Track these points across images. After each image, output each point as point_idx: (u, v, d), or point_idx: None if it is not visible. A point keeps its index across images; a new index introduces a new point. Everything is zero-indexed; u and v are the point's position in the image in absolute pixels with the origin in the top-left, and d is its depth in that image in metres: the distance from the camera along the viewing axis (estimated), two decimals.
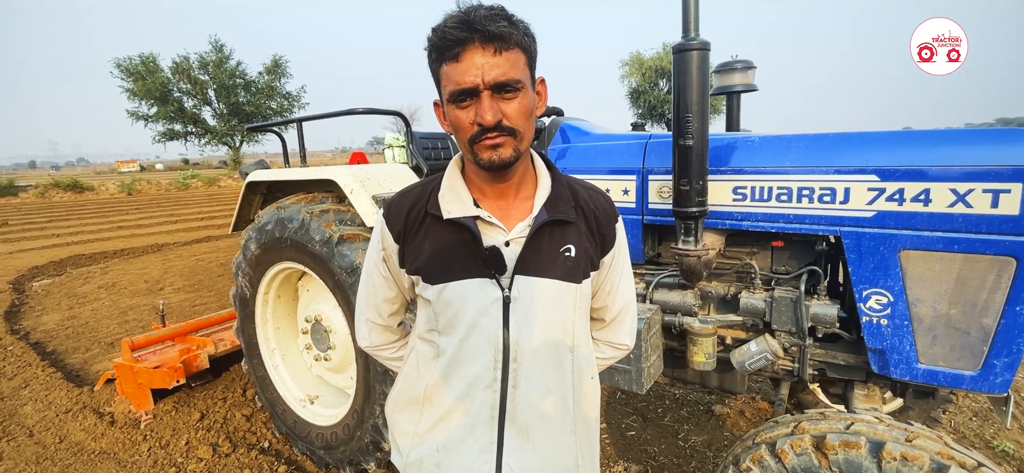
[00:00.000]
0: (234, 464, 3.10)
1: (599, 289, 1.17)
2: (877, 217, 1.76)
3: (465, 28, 0.90)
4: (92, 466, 3.16)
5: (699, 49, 1.74)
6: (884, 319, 1.81)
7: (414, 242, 1.08)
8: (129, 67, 33.85)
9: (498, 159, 0.96)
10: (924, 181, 1.67)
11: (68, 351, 5.15)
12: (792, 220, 1.93)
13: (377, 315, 1.22)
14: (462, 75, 0.91)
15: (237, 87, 37.00)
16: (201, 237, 12.30)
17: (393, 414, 1.20)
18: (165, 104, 34.76)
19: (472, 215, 1.03)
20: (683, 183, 1.86)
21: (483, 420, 1.07)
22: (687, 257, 1.98)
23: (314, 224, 2.50)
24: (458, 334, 1.05)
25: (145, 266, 9.11)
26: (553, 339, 1.07)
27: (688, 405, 3.60)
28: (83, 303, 6.84)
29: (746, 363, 2.12)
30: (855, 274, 1.83)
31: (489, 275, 1.03)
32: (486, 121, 0.92)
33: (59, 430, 3.55)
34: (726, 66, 2.63)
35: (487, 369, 1.05)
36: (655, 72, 39.26)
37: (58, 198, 26.47)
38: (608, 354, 1.27)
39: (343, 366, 2.97)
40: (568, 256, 1.06)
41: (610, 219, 1.14)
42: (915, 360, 1.80)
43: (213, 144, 37.92)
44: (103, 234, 13.42)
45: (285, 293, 3.15)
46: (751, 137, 2.06)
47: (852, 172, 1.79)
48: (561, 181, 1.11)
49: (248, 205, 3.22)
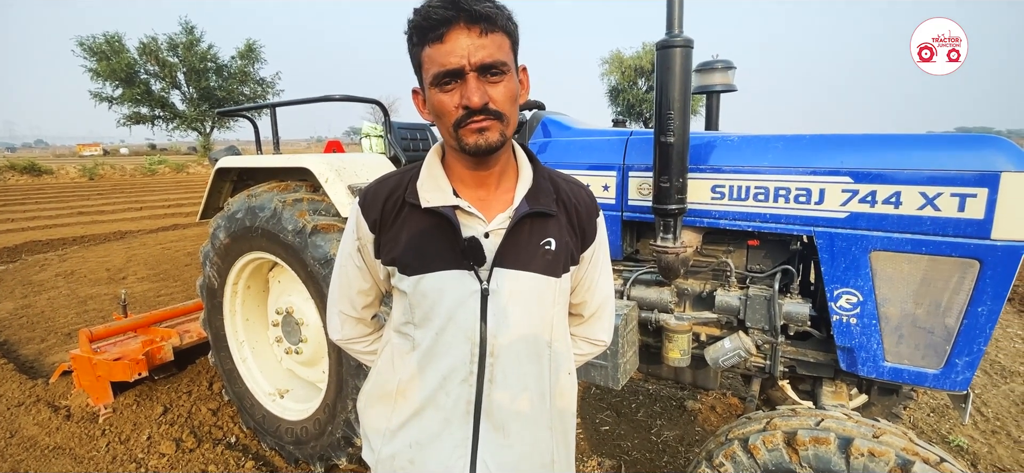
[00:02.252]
0: (199, 460, 3.01)
1: (578, 284, 1.16)
2: (850, 218, 1.80)
3: (451, 7, 0.87)
4: (46, 462, 3.03)
5: (682, 46, 1.74)
6: (854, 318, 1.86)
7: (391, 232, 1.05)
8: (93, 46, 32.30)
9: (485, 143, 0.93)
10: (896, 184, 1.71)
11: (21, 341, 4.91)
12: (768, 219, 1.96)
13: (350, 307, 1.18)
14: (447, 56, 0.88)
15: (208, 71, 35.80)
16: (168, 225, 11.90)
17: (365, 409, 1.17)
18: (131, 86, 33.35)
19: (451, 205, 1.00)
20: (663, 180, 1.87)
21: (458, 415, 1.04)
22: (665, 254, 1.99)
23: (287, 213, 2.43)
24: (434, 327, 1.02)
25: (107, 254, 8.76)
26: (531, 333, 1.05)
27: (661, 401, 3.65)
28: (39, 291, 6.54)
29: (720, 360, 2.14)
30: (827, 274, 1.87)
31: (467, 267, 1.00)
32: (473, 103, 0.89)
33: (10, 424, 3.39)
34: (706, 65, 2.65)
35: (463, 362, 1.03)
36: (634, 71, 39.62)
37: (13, 181, 25.15)
38: (585, 350, 1.26)
39: (315, 360, 2.90)
40: (548, 250, 1.04)
41: (591, 214, 1.13)
42: (882, 358, 1.85)
43: (182, 129, 36.61)
44: (62, 220, 12.84)
45: (255, 284, 3.06)
46: (730, 137, 2.08)
47: (827, 173, 1.82)
48: (543, 173, 1.09)
49: (217, 192, 3.10)
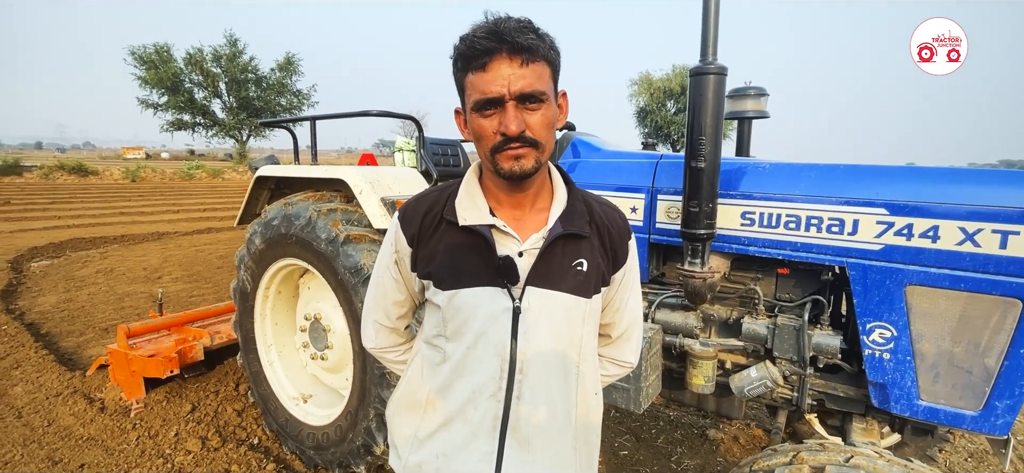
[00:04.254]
0: (222, 459, 3.07)
1: (607, 305, 1.17)
2: (884, 251, 1.77)
3: (494, 38, 0.90)
4: (79, 452, 3.13)
5: (716, 73, 1.75)
6: (887, 353, 1.81)
7: (428, 246, 1.08)
8: (143, 55, 34.20)
9: (519, 169, 0.96)
10: (933, 218, 1.68)
11: (62, 334, 5.11)
12: (799, 248, 1.93)
13: (385, 317, 1.21)
14: (488, 85, 0.92)
15: (248, 82, 37.30)
16: (202, 228, 12.30)
17: (394, 418, 1.19)
18: (176, 94, 35.08)
19: (487, 223, 1.03)
20: (693, 205, 1.87)
21: (485, 429, 1.06)
22: (692, 278, 1.98)
23: (321, 222, 2.50)
24: (466, 341, 1.05)
25: (144, 253, 9.10)
26: (560, 352, 1.06)
27: (682, 427, 3.58)
28: (80, 287, 6.82)
29: (745, 389, 2.11)
30: (860, 306, 1.83)
31: (500, 284, 1.02)
32: (510, 131, 0.92)
33: (48, 413, 3.52)
34: (739, 92, 2.64)
35: (492, 378, 1.04)
36: (663, 93, 39.48)
37: (62, 180, 26.50)
38: (611, 371, 1.26)
39: (339, 367, 2.95)
40: (580, 270, 1.05)
41: (623, 236, 1.14)
42: (916, 396, 1.80)
43: (220, 136, 38.12)
44: (105, 219, 13.42)
45: (285, 289, 3.14)
46: (762, 163, 2.07)
47: (862, 204, 1.79)
48: (577, 195, 1.11)
49: (255, 199, 3.22)
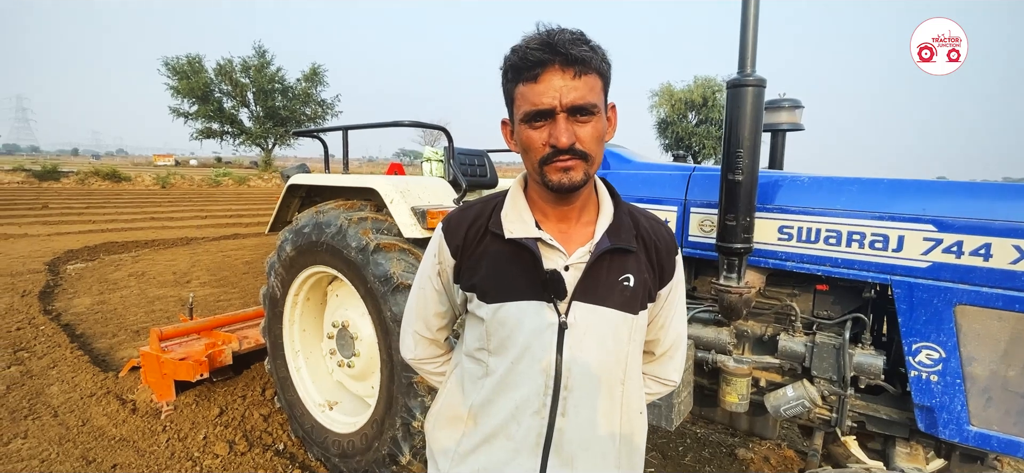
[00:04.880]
0: (249, 463, 3.10)
1: (652, 321, 1.15)
2: (932, 268, 1.70)
3: (547, 50, 0.90)
4: (112, 452, 3.20)
5: (755, 86, 1.72)
6: (934, 375, 1.74)
7: (472, 259, 1.07)
8: (176, 66, 35.41)
9: (568, 182, 0.95)
10: (985, 235, 1.61)
11: (96, 335, 5.26)
12: (840, 264, 1.87)
13: (425, 328, 1.21)
14: (540, 96, 0.91)
15: (275, 92, 38.23)
16: (229, 234, 12.57)
17: (434, 431, 1.18)
18: (206, 103, 36.17)
19: (534, 237, 1.02)
20: (729, 218, 1.83)
21: (528, 446, 1.04)
22: (728, 293, 1.94)
23: (352, 231, 2.53)
24: (510, 355, 1.03)
25: (174, 258, 9.34)
26: (606, 369, 1.04)
27: (710, 446, 3.49)
28: (113, 289, 7.01)
29: (781, 408, 2.04)
30: (905, 326, 1.76)
31: (547, 299, 1.01)
32: (561, 143, 0.91)
33: (83, 413, 3.61)
34: (773, 104, 2.60)
35: (537, 394, 1.02)
36: (685, 104, 39.15)
37: (97, 186, 27.46)
38: (654, 389, 1.24)
39: (365, 374, 2.96)
40: (626, 285, 1.03)
41: (670, 251, 1.12)
42: (966, 421, 1.72)
43: (247, 145, 39.09)
44: (136, 224, 13.84)
45: (314, 296, 3.18)
46: (799, 177, 2.02)
47: (907, 220, 1.73)
48: (623, 209, 1.09)
49: (286, 207, 3.27)
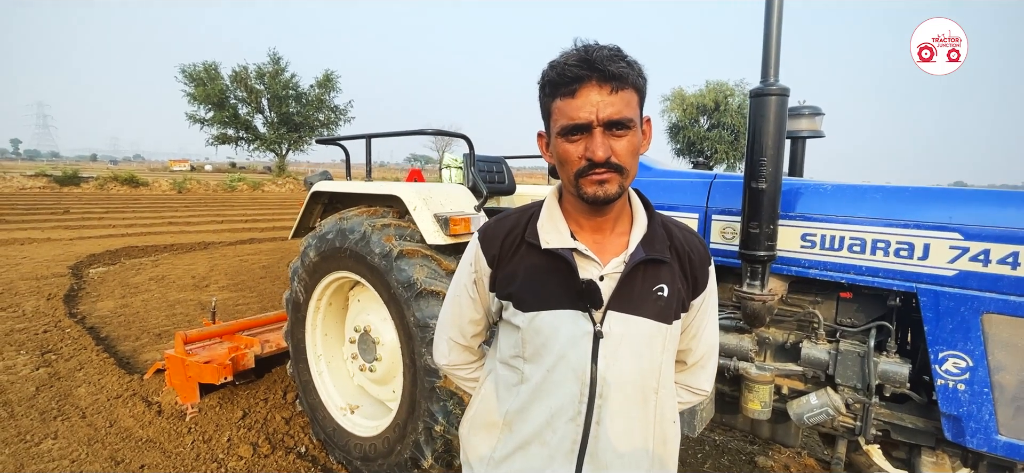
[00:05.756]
0: (272, 465, 3.16)
1: (685, 331, 1.16)
2: (959, 277, 1.70)
3: (585, 67, 0.93)
4: (139, 453, 3.27)
5: (778, 95, 1.74)
6: (962, 384, 1.73)
7: (508, 268, 1.10)
8: (192, 73, 36.05)
9: (603, 194, 0.97)
10: (1013, 243, 1.60)
11: (120, 338, 5.37)
12: (864, 272, 1.87)
13: (460, 335, 1.24)
14: (577, 111, 0.94)
15: (289, 98, 38.71)
16: (245, 239, 12.75)
17: (469, 436, 1.21)
18: (222, 109, 36.72)
19: (570, 247, 1.04)
20: (753, 226, 1.84)
21: (563, 453, 1.06)
22: (751, 301, 1.94)
23: (375, 237, 2.57)
24: (545, 363, 1.05)
25: (193, 262, 9.49)
26: (640, 378, 1.06)
27: (729, 453, 3.47)
28: (135, 293, 7.16)
29: (805, 416, 2.04)
30: (931, 334, 1.76)
31: (582, 308, 1.03)
32: (597, 157, 0.94)
33: (110, 414, 3.69)
34: (793, 111, 2.60)
35: (572, 401, 1.05)
36: (696, 109, 38.98)
37: (115, 191, 28.03)
38: (686, 398, 1.25)
39: (387, 379, 3.00)
40: (660, 296, 1.05)
41: (704, 262, 1.14)
42: (994, 431, 1.70)
43: (261, 150, 39.62)
44: (155, 228, 14.09)
45: (336, 301, 3.23)
46: (823, 184, 2.03)
47: (933, 228, 1.73)
48: (657, 220, 1.11)
49: (309, 213, 3.33)
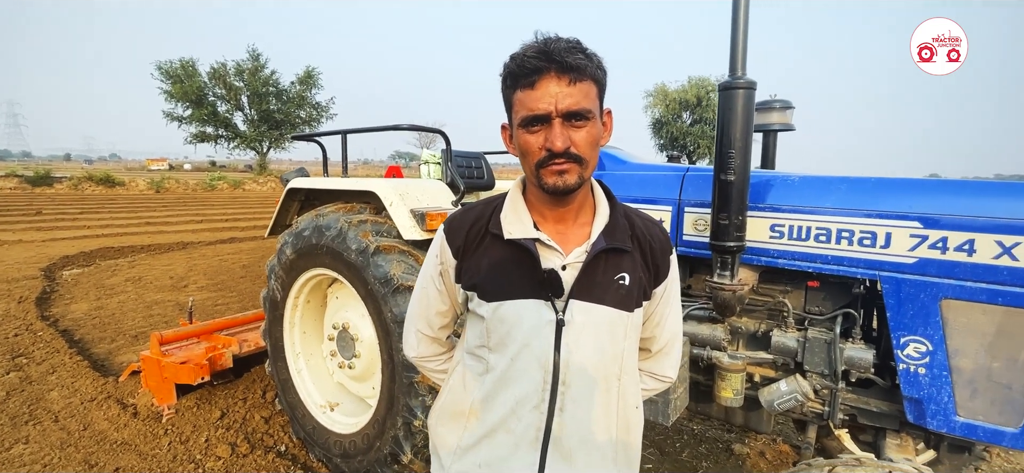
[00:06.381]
0: (251, 465, 3.13)
1: (648, 319, 1.18)
2: (918, 264, 1.75)
3: (544, 58, 0.94)
4: (114, 456, 3.21)
5: (745, 88, 1.77)
6: (922, 368, 1.79)
7: (472, 259, 1.11)
8: (169, 70, 35.27)
9: (563, 184, 0.99)
10: (969, 231, 1.66)
11: (94, 340, 5.26)
12: (830, 261, 1.93)
13: (428, 327, 1.25)
14: (536, 102, 0.95)
15: (269, 95, 38.12)
16: (225, 238, 12.55)
17: (436, 426, 1.22)
18: (200, 107, 36.04)
19: (532, 237, 1.06)
20: (722, 217, 1.88)
21: (528, 441, 1.08)
22: (722, 291, 1.98)
23: (351, 233, 2.56)
24: (509, 352, 1.07)
25: (170, 263, 9.32)
26: (603, 366, 1.08)
27: (706, 442, 3.54)
28: (110, 295, 7.01)
29: (775, 402, 2.09)
30: (893, 320, 1.81)
31: (545, 297, 1.05)
32: (556, 147, 0.95)
33: (84, 417, 3.62)
34: (764, 105, 2.65)
35: (536, 390, 1.06)
36: (679, 104, 39.33)
37: (90, 191, 27.32)
38: (651, 385, 1.28)
39: (366, 375, 2.99)
40: (622, 284, 1.07)
41: (665, 251, 1.16)
42: (953, 412, 1.77)
43: (241, 148, 38.96)
44: (132, 229, 13.78)
45: (314, 299, 3.20)
46: (790, 176, 2.07)
47: (894, 217, 1.79)
48: (619, 210, 1.13)
49: (286, 211, 3.30)
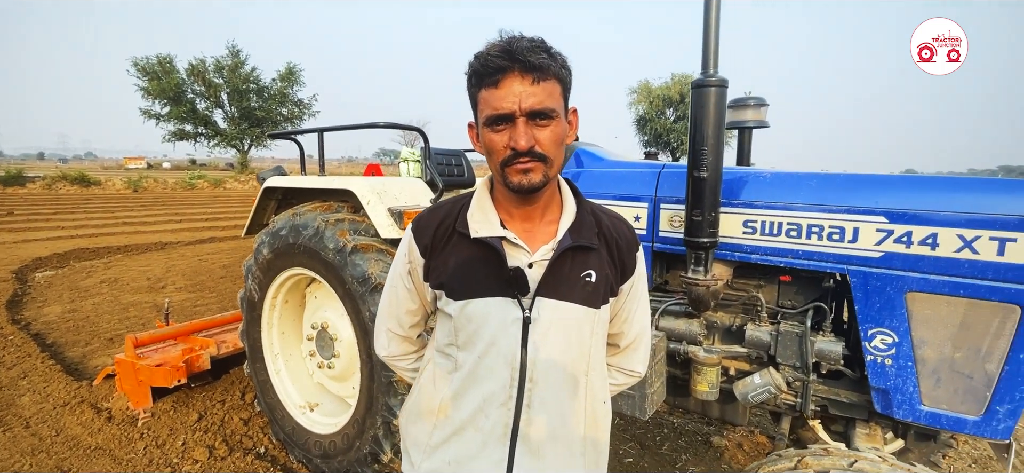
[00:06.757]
0: (230, 468, 3.09)
1: (616, 315, 1.20)
2: (884, 258, 1.80)
3: (507, 57, 0.94)
4: (87, 461, 3.15)
5: (717, 86, 1.80)
6: (888, 359, 1.84)
7: (440, 257, 1.11)
8: (145, 66, 34.49)
9: (527, 183, 0.99)
10: (932, 226, 1.71)
11: (68, 344, 5.14)
12: (800, 256, 1.97)
13: (398, 326, 1.24)
14: (500, 101, 0.96)
15: (250, 92, 37.51)
16: (205, 238, 12.33)
17: (407, 425, 1.22)
18: (178, 104, 35.32)
19: (499, 236, 1.06)
20: (696, 214, 1.91)
21: (496, 437, 1.08)
22: (696, 286, 2.01)
23: (329, 232, 2.54)
24: (477, 350, 1.08)
25: (148, 263, 9.14)
26: (569, 362, 1.09)
27: (686, 435, 3.59)
28: (85, 297, 6.85)
29: (749, 395, 2.13)
30: (861, 313, 1.86)
31: (511, 295, 1.05)
32: (520, 146, 0.96)
33: (56, 423, 3.54)
34: (739, 102, 2.69)
35: (503, 387, 1.07)
36: (662, 101, 39.70)
37: (65, 191, 26.58)
38: (620, 380, 1.29)
39: (345, 375, 2.97)
40: (588, 281, 1.08)
41: (631, 247, 1.17)
42: (918, 401, 1.82)
43: (222, 146, 38.28)
44: (108, 229, 13.45)
45: (292, 299, 3.17)
46: (763, 173, 2.11)
47: (861, 213, 1.83)
48: (586, 208, 1.14)
49: (263, 210, 3.26)
